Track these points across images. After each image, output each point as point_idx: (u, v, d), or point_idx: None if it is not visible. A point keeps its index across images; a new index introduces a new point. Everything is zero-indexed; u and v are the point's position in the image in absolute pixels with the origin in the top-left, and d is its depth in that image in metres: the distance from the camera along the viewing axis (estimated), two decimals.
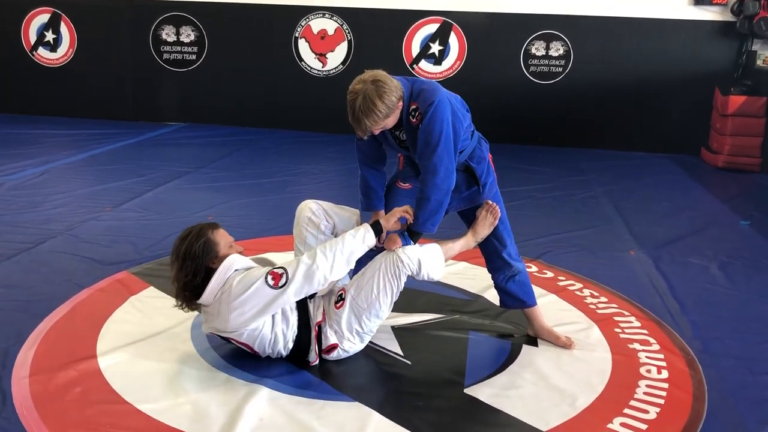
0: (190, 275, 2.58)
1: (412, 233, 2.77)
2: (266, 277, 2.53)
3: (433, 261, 2.77)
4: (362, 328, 2.74)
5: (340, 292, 2.75)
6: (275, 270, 2.56)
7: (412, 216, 2.74)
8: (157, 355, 2.77)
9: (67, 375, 2.63)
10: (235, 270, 2.60)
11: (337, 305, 2.73)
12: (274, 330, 2.65)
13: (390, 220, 2.72)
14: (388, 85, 2.57)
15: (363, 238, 2.65)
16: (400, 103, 2.63)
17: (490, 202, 2.95)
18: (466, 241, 2.97)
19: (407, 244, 2.75)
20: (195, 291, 2.61)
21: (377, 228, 2.70)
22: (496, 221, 2.95)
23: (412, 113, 2.66)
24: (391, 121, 2.64)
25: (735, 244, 4.60)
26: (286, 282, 2.53)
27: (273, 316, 2.63)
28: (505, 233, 2.99)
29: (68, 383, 2.57)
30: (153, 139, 7.60)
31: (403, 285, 2.76)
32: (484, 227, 2.96)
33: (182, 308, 2.68)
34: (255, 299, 2.52)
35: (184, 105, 8.56)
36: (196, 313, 2.84)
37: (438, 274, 2.80)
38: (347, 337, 2.74)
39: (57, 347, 2.84)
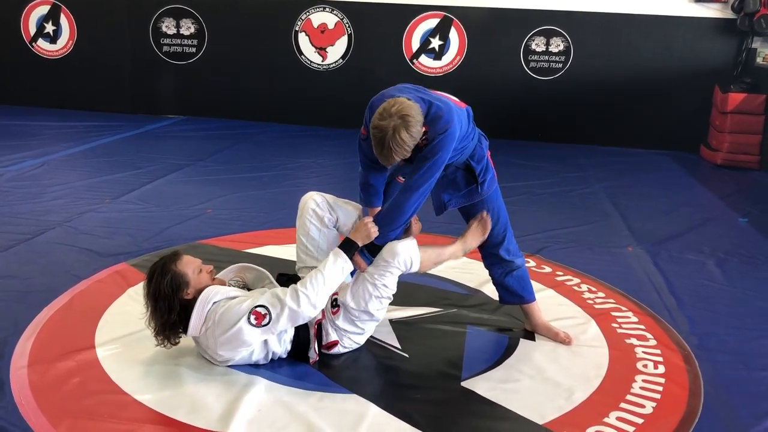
0: (165, 314, 2.57)
1: (371, 248, 2.72)
2: (249, 317, 2.49)
3: (409, 254, 2.71)
4: (360, 329, 2.77)
5: (334, 296, 2.75)
6: (257, 309, 2.51)
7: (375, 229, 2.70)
8: (155, 346, 2.76)
9: (66, 365, 2.64)
10: (214, 303, 2.55)
11: (333, 311, 2.74)
12: (268, 347, 2.66)
13: (361, 232, 2.68)
14: (415, 117, 2.50)
15: (342, 270, 2.62)
16: (422, 129, 2.58)
17: (484, 214, 2.91)
18: (455, 250, 2.92)
19: (369, 262, 2.72)
20: (174, 327, 2.61)
21: (350, 246, 2.65)
22: (486, 233, 2.92)
23: (422, 135, 2.62)
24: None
25: (733, 240, 4.60)
26: (269, 322, 2.51)
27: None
28: (503, 228, 2.97)
29: (66, 373, 2.58)
30: (152, 132, 7.60)
31: (394, 287, 2.74)
32: (474, 238, 2.93)
33: (164, 345, 2.65)
34: (240, 336, 2.52)
35: (183, 98, 8.55)
36: None
37: (416, 264, 2.75)
38: (347, 335, 2.77)
39: (55, 338, 2.85)
